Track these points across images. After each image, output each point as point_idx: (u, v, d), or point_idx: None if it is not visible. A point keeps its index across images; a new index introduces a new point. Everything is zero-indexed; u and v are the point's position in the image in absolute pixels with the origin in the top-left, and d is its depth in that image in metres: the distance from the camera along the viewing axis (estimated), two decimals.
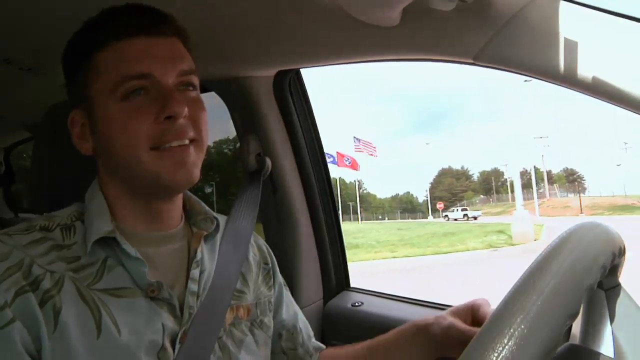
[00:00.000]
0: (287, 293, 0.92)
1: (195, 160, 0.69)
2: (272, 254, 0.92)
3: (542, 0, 0.67)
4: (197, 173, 0.70)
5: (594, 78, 0.63)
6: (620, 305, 0.55)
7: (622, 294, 0.55)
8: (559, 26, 0.65)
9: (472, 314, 0.80)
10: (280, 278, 0.91)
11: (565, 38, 0.65)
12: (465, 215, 39.82)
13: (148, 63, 0.66)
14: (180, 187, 0.70)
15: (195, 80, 0.72)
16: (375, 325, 0.90)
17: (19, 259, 0.62)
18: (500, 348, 0.39)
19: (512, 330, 0.40)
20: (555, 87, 0.70)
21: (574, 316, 0.43)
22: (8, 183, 2.76)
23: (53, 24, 0.97)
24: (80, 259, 0.66)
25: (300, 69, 1.24)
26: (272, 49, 1.04)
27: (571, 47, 0.64)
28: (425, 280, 8.61)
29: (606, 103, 0.65)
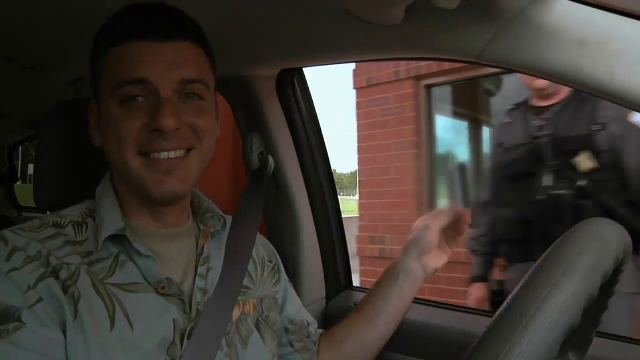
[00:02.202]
0: (291, 289, 0.94)
1: (188, 171, 0.69)
2: (275, 251, 0.93)
3: None
4: (186, 185, 0.70)
5: (597, 77, 0.63)
6: None
7: None
8: (563, 24, 0.65)
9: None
10: (284, 275, 0.92)
11: (569, 36, 0.64)
12: None
13: (144, 69, 0.65)
14: (164, 198, 0.68)
15: (202, 89, 0.69)
16: None
17: (37, 250, 0.63)
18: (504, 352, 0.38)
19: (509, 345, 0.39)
20: None
21: (572, 328, 0.41)
22: (11, 181, 2.77)
23: (55, 22, 0.97)
24: (93, 254, 0.67)
25: (303, 68, 1.24)
26: (275, 48, 1.04)
27: (575, 45, 0.64)
28: None
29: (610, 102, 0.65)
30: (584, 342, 0.56)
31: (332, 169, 1.39)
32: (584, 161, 1.61)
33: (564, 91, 1.78)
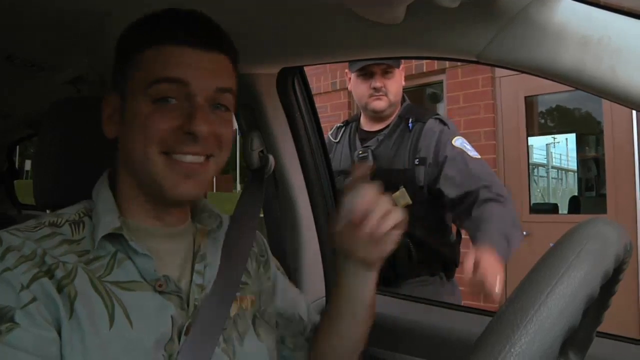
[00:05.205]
0: (283, 280, 0.92)
1: (205, 177, 0.71)
2: (266, 244, 0.93)
3: None
4: (201, 190, 0.72)
5: (599, 77, 0.63)
6: None
7: None
8: (564, 24, 0.65)
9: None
10: (274, 266, 0.91)
11: (571, 36, 0.64)
12: None
13: (183, 70, 0.67)
14: (178, 200, 0.70)
15: (230, 100, 0.72)
16: (377, 323, 0.90)
17: (32, 250, 0.63)
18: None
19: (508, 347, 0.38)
20: None
21: (572, 329, 0.41)
22: (11, 180, 2.77)
23: (55, 20, 0.97)
24: (90, 253, 0.67)
25: (304, 67, 1.24)
26: (276, 46, 1.04)
27: (577, 45, 0.64)
28: None
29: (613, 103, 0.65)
30: (585, 341, 0.56)
31: None
32: (400, 197, 1.56)
33: (393, 116, 1.69)
